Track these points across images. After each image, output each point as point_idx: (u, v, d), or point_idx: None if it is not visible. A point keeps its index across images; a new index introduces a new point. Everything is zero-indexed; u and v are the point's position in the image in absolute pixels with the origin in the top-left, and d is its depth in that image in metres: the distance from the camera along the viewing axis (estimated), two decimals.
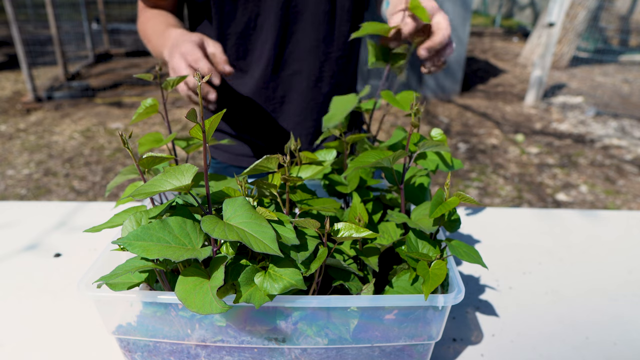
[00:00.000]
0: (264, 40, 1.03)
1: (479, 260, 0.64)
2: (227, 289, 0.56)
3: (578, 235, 1.12)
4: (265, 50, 1.03)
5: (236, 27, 1.02)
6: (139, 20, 1.11)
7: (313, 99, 1.10)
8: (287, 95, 1.09)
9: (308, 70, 1.07)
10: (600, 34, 7.62)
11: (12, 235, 1.06)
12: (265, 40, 1.03)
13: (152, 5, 1.09)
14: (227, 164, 1.18)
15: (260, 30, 1.02)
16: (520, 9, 11.16)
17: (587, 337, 0.80)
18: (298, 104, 1.10)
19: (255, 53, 1.05)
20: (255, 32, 1.03)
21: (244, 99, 1.09)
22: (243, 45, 1.04)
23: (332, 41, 1.06)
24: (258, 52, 1.04)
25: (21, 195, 3.24)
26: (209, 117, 0.54)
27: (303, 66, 1.06)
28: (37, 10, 9.20)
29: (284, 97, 1.09)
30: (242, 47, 1.04)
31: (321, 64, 1.07)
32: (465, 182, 3.54)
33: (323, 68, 1.07)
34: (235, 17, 1.01)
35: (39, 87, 5.26)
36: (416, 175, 0.79)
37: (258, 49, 1.04)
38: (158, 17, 1.06)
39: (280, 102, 1.10)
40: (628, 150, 4.19)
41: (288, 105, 1.10)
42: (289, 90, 1.09)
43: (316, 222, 0.58)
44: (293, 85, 1.08)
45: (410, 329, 0.62)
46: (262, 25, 1.02)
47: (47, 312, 0.83)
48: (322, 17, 1.02)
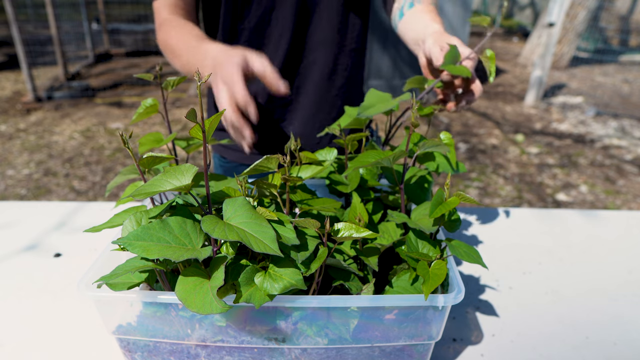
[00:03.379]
0: (279, 34, 1.03)
1: (479, 260, 0.64)
2: (227, 289, 0.56)
3: (578, 235, 1.12)
4: (282, 43, 1.03)
5: (250, 23, 1.02)
6: (160, 33, 1.01)
7: (327, 91, 1.11)
8: (302, 87, 1.10)
9: (322, 62, 1.08)
10: (600, 34, 7.62)
11: (12, 235, 1.06)
12: (281, 33, 1.03)
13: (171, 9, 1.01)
14: (238, 162, 1.18)
15: (275, 24, 1.02)
16: (520, 9, 11.16)
17: (587, 337, 0.80)
18: (312, 94, 1.10)
19: (269, 47, 1.05)
20: (270, 27, 1.02)
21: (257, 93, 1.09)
22: (256, 40, 1.04)
23: (346, 33, 1.07)
24: (273, 46, 1.04)
25: (21, 195, 3.24)
26: (209, 117, 0.54)
27: (318, 57, 1.07)
28: (37, 10, 9.19)
29: (300, 87, 1.10)
30: (255, 42, 1.04)
31: (335, 56, 1.08)
32: (465, 182, 3.54)
33: (337, 60, 1.08)
34: (250, 12, 1.01)
35: (39, 87, 5.26)
36: (417, 175, 0.79)
37: (272, 43, 1.04)
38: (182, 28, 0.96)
39: (296, 93, 1.10)
40: (628, 150, 4.19)
41: (303, 97, 1.10)
42: (304, 82, 1.09)
43: (316, 222, 0.58)
44: (308, 76, 1.09)
45: (410, 329, 0.62)
46: (276, 19, 1.02)
47: (47, 312, 0.83)
48: (336, 9, 1.03)
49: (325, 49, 1.06)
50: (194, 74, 0.54)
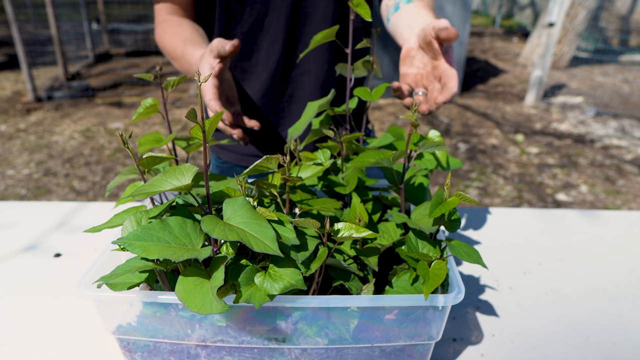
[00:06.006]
0: (271, 40, 1.03)
1: (479, 260, 0.64)
2: (227, 289, 0.56)
3: (578, 235, 1.12)
4: (274, 50, 1.03)
5: (242, 28, 1.02)
6: (157, 34, 1.07)
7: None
8: (295, 95, 1.10)
9: (316, 71, 1.07)
10: (600, 34, 7.62)
11: (12, 235, 1.06)
12: (274, 40, 1.02)
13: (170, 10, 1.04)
14: (234, 163, 1.18)
15: (267, 31, 1.02)
16: (520, 9, 11.16)
17: (587, 337, 0.80)
18: (306, 102, 1.10)
19: (261, 53, 1.04)
20: (262, 33, 1.02)
21: (250, 99, 1.09)
22: (248, 46, 1.04)
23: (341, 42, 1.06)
24: (265, 53, 1.04)
25: (21, 195, 3.24)
26: (209, 117, 0.54)
27: (312, 67, 1.07)
28: (37, 10, 9.20)
29: (292, 96, 1.10)
30: (248, 48, 1.04)
31: (329, 65, 1.07)
32: (465, 182, 3.54)
33: (331, 69, 1.08)
34: (242, 17, 1.01)
35: (39, 87, 5.26)
36: (415, 175, 0.79)
37: (265, 50, 1.04)
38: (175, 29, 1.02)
39: (288, 101, 1.10)
40: (628, 150, 4.19)
41: (296, 105, 1.10)
42: (297, 89, 1.09)
43: (316, 222, 0.58)
44: (301, 84, 1.08)
45: (410, 329, 0.62)
46: (269, 26, 1.01)
47: (47, 312, 0.83)
48: (330, 19, 1.02)
49: (319, 58, 1.06)
50: (194, 74, 0.54)
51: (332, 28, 0.78)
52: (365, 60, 0.83)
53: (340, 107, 0.85)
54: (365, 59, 0.83)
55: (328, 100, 0.80)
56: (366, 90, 0.80)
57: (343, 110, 0.84)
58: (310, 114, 0.80)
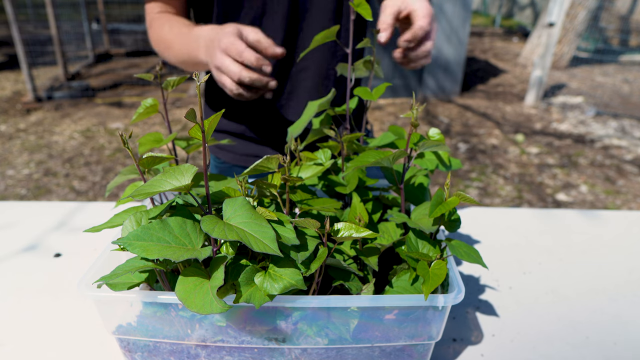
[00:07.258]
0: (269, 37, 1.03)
1: (479, 260, 0.64)
2: (227, 289, 0.56)
3: (578, 235, 1.12)
4: None
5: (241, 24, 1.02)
6: (151, 30, 1.06)
7: (320, 97, 1.10)
8: (294, 92, 1.10)
9: (315, 68, 1.07)
10: (600, 34, 7.62)
11: (12, 235, 1.06)
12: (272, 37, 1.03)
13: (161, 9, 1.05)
14: (232, 163, 1.18)
15: (266, 28, 1.02)
16: (520, 9, 11.16)
17: (587, 336, 0.80)
18: (304, 100, 1.10)
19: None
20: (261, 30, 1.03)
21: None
22: None
23: (339, 39, 1.06)
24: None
25: (21, 195, 3.24)
26: (209, 117, 0.54)
27: (310, 64, 1.07)
28: (37, 10, 9.20)
29: (291, 92, 1.10)
30: None
31: (328, 63, 1.07)
32: (465, 182, 3.54)
33: (329, 66, 1.08)
34: (240, 16, 1.01)
35: (39, 87, 5.26)
36: (415, 175, 0.79)
37: None
38: (173, 20, 1.02)
39: (287, 98, 1.10)
40: (628, 150, 4.19)
41: (295, 102, 1.10)
42: (295, 87, 1.09)
43: (316, 222, 0.58)
44: (300, 81, 1.08)
45: (410, 329, 0.62)
46: (267, 24, 1.02)
47: (47, 312, 0.83)
48: (329, 15, 1.03)
49: (318, 55, 1.06)
50: (194, 74, 0.54)
51: (332, 28, 0.78)
52: (366, 60, 0.83)
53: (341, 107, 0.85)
54: (366, 59, 0.83)
55: (328, 100, 0.80)
56: (366, 89, 0.80)
57: (343, 110, 0.84)
58: (310, 113, 0.80)
